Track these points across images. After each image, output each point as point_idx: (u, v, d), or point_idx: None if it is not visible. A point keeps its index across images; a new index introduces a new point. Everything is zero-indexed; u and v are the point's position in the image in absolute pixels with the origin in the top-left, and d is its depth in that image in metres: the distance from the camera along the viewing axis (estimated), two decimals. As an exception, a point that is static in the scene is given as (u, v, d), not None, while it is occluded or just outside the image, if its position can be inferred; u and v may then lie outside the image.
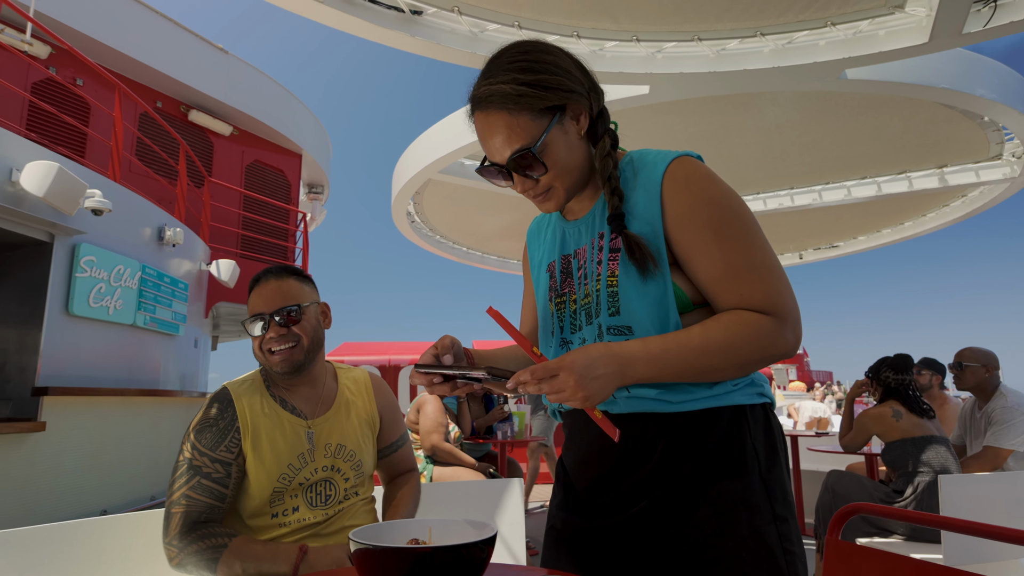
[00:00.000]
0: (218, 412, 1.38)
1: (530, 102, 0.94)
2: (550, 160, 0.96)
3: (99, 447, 4.87)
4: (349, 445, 1.46)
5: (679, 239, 0.95)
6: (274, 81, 10.19)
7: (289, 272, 1.46)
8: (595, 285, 1.00)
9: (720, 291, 0.93)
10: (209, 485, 1.32)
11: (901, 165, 7.99)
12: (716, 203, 0.94)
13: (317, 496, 1.39)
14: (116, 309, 5.25)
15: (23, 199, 4.23)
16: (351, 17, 3.92)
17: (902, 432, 2.98)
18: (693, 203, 0.94)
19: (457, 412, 4.39)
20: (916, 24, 4.76)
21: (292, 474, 1.37)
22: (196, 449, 1.33)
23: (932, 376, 4.06)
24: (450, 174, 7.40)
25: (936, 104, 6.12)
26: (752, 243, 0.93)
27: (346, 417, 1.49)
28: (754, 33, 4.82)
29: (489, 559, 0.84)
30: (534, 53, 0.98)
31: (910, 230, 10.32)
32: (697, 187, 0.95)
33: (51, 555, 1.33)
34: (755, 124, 6.62)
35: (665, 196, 0.96)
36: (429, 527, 0.93)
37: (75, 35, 7.13)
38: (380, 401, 1.59)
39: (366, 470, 1.50)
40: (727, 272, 0.92)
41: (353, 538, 0.82)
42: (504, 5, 4.45)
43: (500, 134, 0.95)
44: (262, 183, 10.02)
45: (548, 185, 0.99)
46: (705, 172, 0.96)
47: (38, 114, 6.76)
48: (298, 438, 1.40)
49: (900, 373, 3.18)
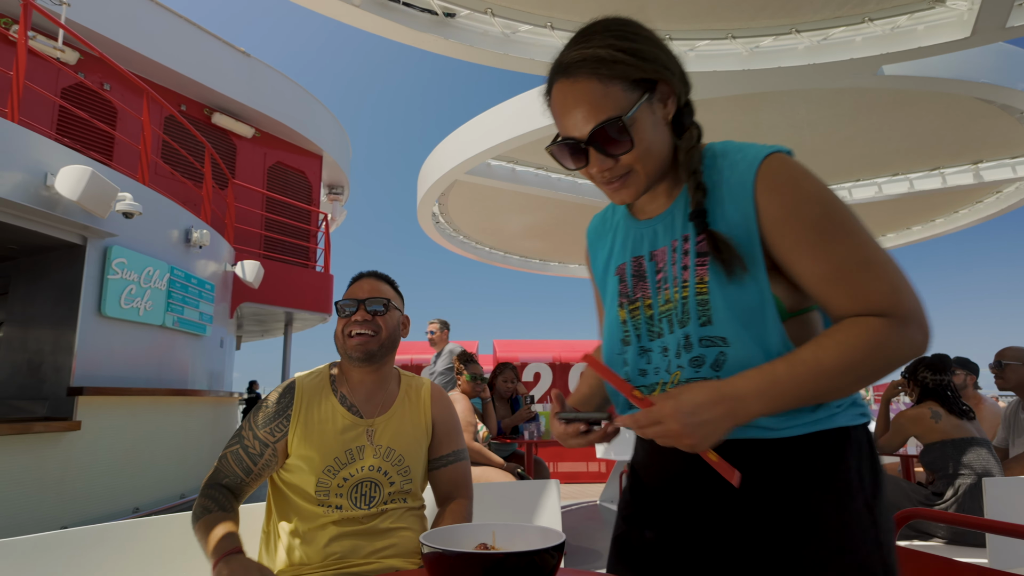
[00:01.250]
0: (278, 398, 1.48)
1: (625, 70, 0.87)
2: (638, 136, 0.88)
3: (131, 446, 4.93)
4: (399, 449, 1.49)
5: (779, 242, 0.87)
6: (295, 83, 10.25)
7: (386, 279, 1.60)
8: (680, 292, 0.92)
9: (832, 294, 0.85)
10: (242, 456, 1.43)
11: (935, 161, 7.82)
12: (816, 200, 0.86)
13: (362, 497, 1.43)
14: (146, 310, 5.30)
15: (57, 203, 4.28)
16: (386, 21, 3.90)
17: (942, 434, 2.91)
18: (792, 203, 0.86)
19: (483, 412, 4.37)
20: (957, 18, 4.64)
21: (337, 467, 1.42)
22: (249, 423, 1.47)
23: (966, 376, 3.97)
24: (476, 175, 7.38)
25: (974, 99, 5.98)
26: (860, 238, 0.85)
27: (401, 421, 1.52)
28: (789, 30, 4.72)
29: (559, 565, 0.84)
30: (632, 25, 0.93)
31: (941, 227, 10.13)
32: (795, 186, 0.87)
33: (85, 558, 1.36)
34: (786, 121, 6.52)
35: (759, 197, 0.87)
36: (492, 531, 0.93)
37: (103, 41, 7.22)
38: (436, 411, 1.60)
39: (414, 477, 1.50)
40: (837, 273, 0.84)
41: (424, 541, 0.82)
42: (537, 6, 4.40)
43: (585, 103, 0.88)
44: (284, 184, 10.09)
45: (629, 167, 0.90)
46: (800, 169, 0.88)
47: (68, 118, 6.86)
48: (348, 434, 1.45)
49: (938, 373, 3.10)
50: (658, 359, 0.96)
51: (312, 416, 1.46)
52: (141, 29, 7.78)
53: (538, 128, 6.22)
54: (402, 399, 1.56)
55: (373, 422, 1.49)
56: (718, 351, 0.88)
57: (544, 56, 4.59)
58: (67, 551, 1.33)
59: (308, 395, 1.49)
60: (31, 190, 4.09)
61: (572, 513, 5.61)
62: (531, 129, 6.25)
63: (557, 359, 8.47)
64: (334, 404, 1.49)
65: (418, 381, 1.64)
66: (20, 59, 4.23)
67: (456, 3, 4.27)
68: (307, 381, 1.52)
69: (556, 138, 0.94)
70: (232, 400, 7.01)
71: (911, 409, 3.10)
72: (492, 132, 6.57)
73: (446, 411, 1.62)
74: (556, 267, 13.16)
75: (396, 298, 1.59)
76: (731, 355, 0.88)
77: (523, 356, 8.28)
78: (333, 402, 1.49)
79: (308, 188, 10.61)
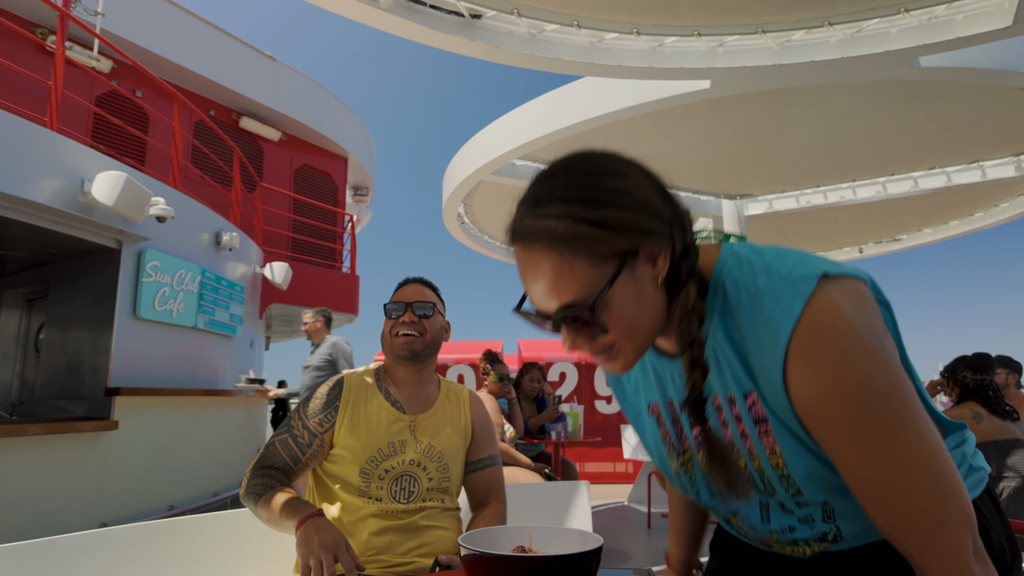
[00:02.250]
0: (328, 390, 1.56)
1: (590, 247, 0.69)
2: (612, 319, 0.71)
3: (165, 445, 5.04)
4: (439, 447, 1.55)
5: (810, 428, 0.71)
6: (320, 86, 10.37)
7: (431, 285, 1.70)
8: (749, 463, 0.78)
9: (868, 507, 0.70)
10: (291, 445, 1.49)
11: (974, 154, 7.58)
12: (855, 399, 0.66)
13: (401, 491, 1.48)
14: (179, 312, 5.41)
15: (94, 208, 4.38)
16: (413, 24, 3.92)
17: (983, 435, 2.83)
18: (824, 398, 0.68)
19: (510, 412, 4.36)
20: (998, 7, 4.48)
21: (380, 458, 1.48)
22: (299, 413, 1.53)
23: (1008, 375, 3.82)
24: (502, 175, 7.38)
25: (1016, 89, 5.77)
26: (906, 452, 0.66)
27: (442, 421, 1.59)
28: (822, 23, 4.61)
29: (597, 568, 0.84)
30: (599, 175, 0.72)
31: (980, 221, 9.82)
32: (829, 374, 0.67)
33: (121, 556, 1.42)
34: (818, 115, 6.37)
35: (792, 381, 0.69)
36: (529, 534, 0.94)
37: (135, 49, 7.40)
38: (475, 416, 1.67)
39: (452, 475, 1.56)
40: (870, 489, 0.68)
41: (463, 544, 0.83)
42: (563, 5, 4.38)
43: (544, 279, 0.71)
44: (310, 187, 10.22)
45: (611, 343, 0.74)
46: (840, 347, 0.67)
47: (102, 125, 7.02)
48: (393, 427, 1.52)
49: (979, 373, 3.01)
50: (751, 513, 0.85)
51: (358, 409, 1.53)
52: (171, 37, 7.95)
53: (564, 127, 6.19)
54: (443, 400, 1.64)
55: (416, 418, 1.56)
56: (819, 510, 0.78)
57: (571, 55, 4.57)
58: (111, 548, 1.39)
59: (355, 390, 1.56)
60: (69, 196, 4.20)
61: (600, 514, 5.58)
62: (557, 128, 6.22)
63: (583, 359, 8.42)
64: (380, 400, 1.56)
65: (457, 387, 1.73)
66: (58, 69, 4.34)
67: (482, 4, 4.26)
68: (355, 377, 1.60)
69: (522, 300, 0.78)
70: (262, 400, 7.11)
71: (951, 410, 3.03)
72: (517, 132, 6.57)
73: (483, 416, 1.69)
74: (581, 265, 12.94)
75: (440, 304, 1.68)
76: (838, 508, 0.78)
77: (548, 356, 8.26)
78: (379, 398, 1.57)
79: (334, 190, 10.72)
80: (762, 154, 7.54)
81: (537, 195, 0.74)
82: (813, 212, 9.13)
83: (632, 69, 4.69)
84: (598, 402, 8.02)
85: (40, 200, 3.96)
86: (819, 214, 9.38)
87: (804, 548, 0.82)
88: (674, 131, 6.58)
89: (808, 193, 8.72)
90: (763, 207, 9.02)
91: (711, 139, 6.97)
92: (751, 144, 7.23)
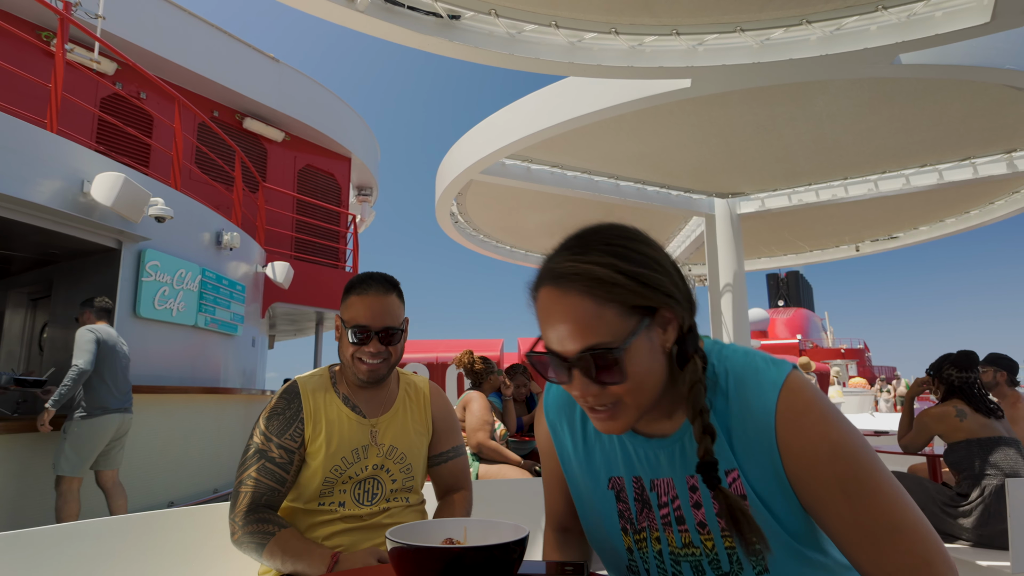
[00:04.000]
0: (286, 403, 1.47)
1: (623, 295, 0.77)
2: (632, 368, 0.78)
3: (166, 442, 5.14)
4: (401, 447, 1.50)
5: (800, 491, 0.80)
6: (323, 87, 10.48)
7: (392, 286, 1.51)
8: (708, 542, 0.85)
9: (859, 558, 0.77)
10: (273, 469, 1.41)
11: (965, 151, 7.58)
12: (840, 453, 0.77)
13: (365, 493, 1.45)
14: (179, 311, 5.53)
15: (94, 209, 4.49)
16: (391, 25, 3.99)
17: (967, 432, 2.81)
18: (813, 453, 0.78)
19: (503, 410, 4.40)
20: (977, 3, 4.51)
21: (344, 467, 1.44)
22: (264, 435, 1.43)
23: (996, 373, 3.76)
24: (491, 174, 7.45)
25: (1002, 86, 5.79)
26: (887, 498, 0.76)
27: (403, 420, 1.54)
28: (800, 21, 4.66)
29: (521, 560, 0.85)
30: (635, 242, 0.82)
31: (976, 219, 9.79)
32: (816, 431, 0.78)
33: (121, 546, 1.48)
34: (804, 114, 6.41)
35: (781, 441, 0.79)
36: (464, 527, 0.94)
37: (138, 51, 7.52)
38: (436, 410, 1.61)
39: (415, 474, 1.53)
40: (864, 538, 0.76)
41: (390, 536, 0.84)
42: (541, 5, 4.44)
43: (574, 321, 0.78)
44: (314, 187, 10.33)
45: (617, 397, 0.80)
46: (820, 409, 0.79)
47: (106, 128, 7.16)
48: (354, 434, 1.46)
49: (964, 371, 2.98)
50: None
51: (320, 417, 1.46)
52: (175, 39, 8.07)
53: (551, 126, 6.27)
54: (403, 398, 1.57)
55: (376, 422, 1.50)
56: None
57: (551, 55, 4.64)
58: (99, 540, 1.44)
59: (312, 397, 1.49)
60: (69, 197, 4.31)
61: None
62: (543, 127, 6.29)
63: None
64: (338, 405, 1.49)
65: (418, 380, 1.65)
66: (58, 71, 4.44)
67: (460, 5, 4.32)
68: (309, 384, 1.52)
69: (536, 342, 0.85)
70: (264, 397, 7.23)
71: (935, 407, 3.01)
72: (505, 132, 6.64)
73: (445, 409, 1.64)
74: (579, 264, 12.99)
75: (402, 309, 1.53)
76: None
77: (548, 354, 8.32)
78: (337, 403, 1.50)
79: (337, 190, 10.84)
80: (751, 152, 7.58)
81: (578, 245, 0.82)
82: (808, 210, 9.15)
83: (612, 69, 4.76)
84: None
85: (40, 201, 4.07)
86: (814, 212, 9.39)
87: None
88: (662, 130, 6.63)
89: (800, 191, 8.75)
90: (755, 205, 9.06)
91: (700, 137, 7.01)
92: (739, 142, 7.27)
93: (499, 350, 11.79)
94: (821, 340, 41.74)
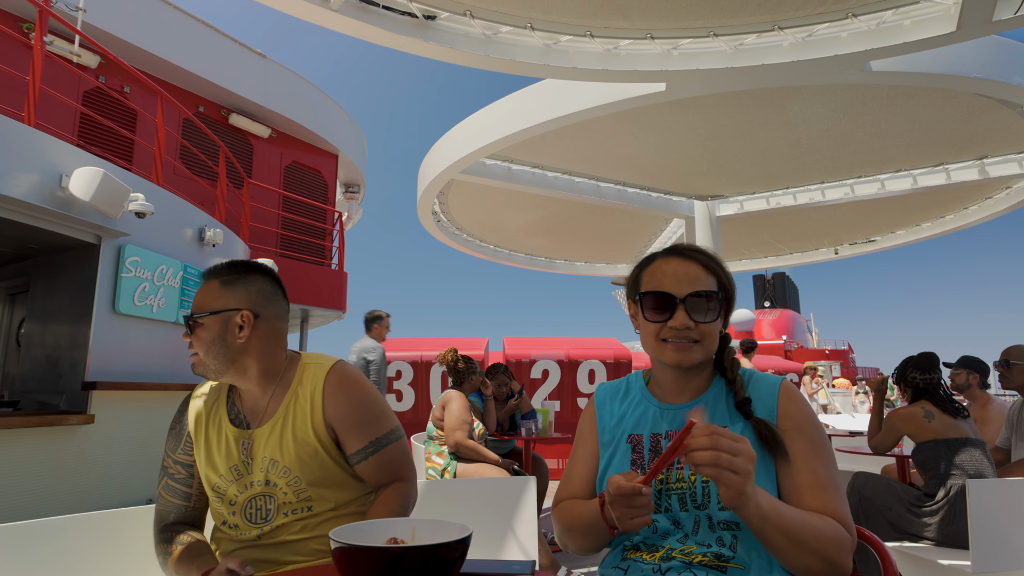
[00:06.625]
0: (176, 417, 1.43)
1: (717, 274, 1.19)
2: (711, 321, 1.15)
3: (145, 439, 5.11)
4: (283, 461, 1.32)
5: (790, 440, 1.11)
6: (310, 83, 10.45)
7: (221, 273, 1.38)
8: (693, 476, 1.11)
9: (808, 497, 1.05)
10: (174, 486, 1.38)
11: (938, 157, 7.73)
12: (814, 425, 1.13)
13: (257, 512, 1.31)
14: (159, 307, 5.51)
15: (72, 203, 4.48)
16: (366, 25, 4.02)
17: (934, 433, 2.86)
18: (801, 419, 1.13)
19: (483, 409, 4.43)
20: (944, 12, 4.62)
21: (225, 485, 1.33)
22: (166, 451, 1.40)
23: (969, 375, 3.74)
24: (472, 174, 7.49)
25: (972, 94, 5.92)
26: (834, 465, 1.10)
27: (283, 430, 1.35)
28: (772, 27, 4.75)
29: (463, 559, 0.85)
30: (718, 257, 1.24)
31: (952, 223, 9.96)
32: (804, 406, 1.15)
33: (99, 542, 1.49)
34: (780, 118, 6.51)
35: (780, 406, 1.14)
36: (413, 527, 0.94)
37: (122, 44, 7.46)
38: (330, 409, 1.37)
39: (310, 485, 1.33)
40: (819, 484, 1.06)
41: (332, 536, 0.83)
42: (516, 7, 4.49)
43: (693, 276, 1.16)
44: (300, 184, 10.30)
45: (702, 335, 1.14)
46: (803, 396, 1.18)
47: (89, 123, 7.11)
48: (233, 449, 1.34)
49: (927, 372, 3.05)
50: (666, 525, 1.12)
51: (201, 432, 1.38)
52: (160, 33, 8.00)
53: (529, 127, 6.32)
54: (288, 404, 1.37)
55: (252, 434, 1.35)
56: (732, 534, 1.07)
57: (526, 56, 4.69)
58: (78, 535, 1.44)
59: (199, 410, 1.40)
60: (47, 191, 4.29)
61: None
62: (521, 128, 6.34)
63: (568, 356, 8.54)
64: (222, 417, 1.38)
65: (315, 374, 1.41)
66: (36, 63, 4.41)
67: (435, 6, 4.35)
68: (200, 395, 1.43)
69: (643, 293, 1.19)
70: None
71: (903, 408, 3.06)
72: (484, 132, 6.67)
73: (345, 404, 1.38)
74: (562, 264, 13.25)
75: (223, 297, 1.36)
76: (741, 538, 1.06)
77: (534, 353, 8.38)
78: (222, 415, 1.38)
79: (324, 187, 10.81)
80: (729, 156, 7.69)
81: (691, 246, 1.25)
82: (786, 213, 9.27)
83: (588, 71, 4.82)
84: (580, 399, 8.13)
85: (17, 195, 4.05)
86: (792, 215, 9.52)
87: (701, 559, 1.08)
88: (640, 132, 6.71)
89: (778, 194, 8.88)
90: (734, 208, 9.16)
91: (677, 141, 7.10)
92: (717, 146, 7.37)
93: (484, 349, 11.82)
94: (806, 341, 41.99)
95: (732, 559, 1.04)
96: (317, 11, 3.93)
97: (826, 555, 0.99)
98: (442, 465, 3.96)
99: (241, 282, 1.37)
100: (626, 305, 1.33)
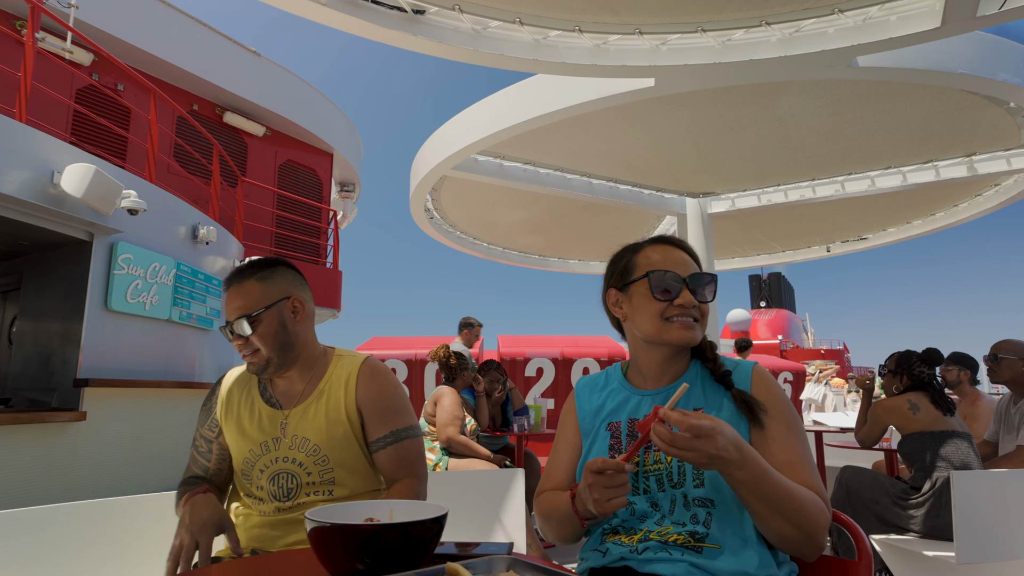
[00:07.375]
0: (209, 395, 1.56)
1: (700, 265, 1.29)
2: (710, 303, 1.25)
3: (137, 437, 5.10)
4: (313, 439, 1.44)
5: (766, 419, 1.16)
6: (305, 82, 10.45)
7: (251, 271, 1.48)
8: (669, 457, 1.14)
9: (788, 473, 1.08)
10: (197, 457, 1.54)
11: (927, 154, 7.77)
12: (788, 405, 1.19)
13: (279, 489, 1.42)
14: (152, 305, 5.51)
15: (64, 200, 4.48)
16: (354, 18, 4.04)
17: (921, 425, 2.88)
18: (775, 399, 1.18)
19: (476, 406, 4.46)
20: (929, 8, 4.67)
21: (254, 459, 1.44)
22: (197, 424, 1.56)
23: (960, 371, 3.81)
24: (464, 170, 7.51)
25: (959, 91, 5.96)
26: (806, 444, 1.16)
27: (316, 411, 1.47)
28: (759, 23, 4.79)
29: (438, 539, 0.86)
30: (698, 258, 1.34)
31: (942, 220, 10.02)
32: (776, 388, 1.21)
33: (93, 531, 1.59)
34: (768, 115, 6.55)
35: (754, 388, 1.20)
36: (391, 508, 0.95)
37: (116, 42, 7.46)
38: (362, 394, 1.49)
39: (336, 466, 1.44)
40: (793, 460, 1.11)
41: (308, 516, 0.84)
42: (505, 1, 4.52)
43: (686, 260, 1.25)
44: (295, 182, 10.31)
45: (703, 313, 1.23)
46: (775, 379, 1.23)
47: (82, 120, 7.12)
48: (265, 426, 1.46)
49: (933, 368, 3.07)
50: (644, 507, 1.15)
51: (233, 410, 1.50)
52: (154, 30, 7.99)
53: (519, 123, 6.35)
54: (322, 388, 1.50)
55: (288, 413, 1.47)
56: (707, 511, 1.10)
57: (516, 51, 4.72)
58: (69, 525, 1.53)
59: (232, 390, 1.53)
60: (39, 188, 4.29)
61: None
62: (512, 124, 6.37)
63: (562, 354, 8.56)
64: (255, 397, 1.51)
65: (350, 364, 1.55)
66: (27, 59, 4.41)
67: (425, 0, 4.38)
68: (233, 377, 1.56)
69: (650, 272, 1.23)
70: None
71: (888, 400, 3.08)
72: (475, 127, 6.68)
73: (376, 392, 1.51)
74: (556, 263, 13.26)
75: (268, 292, 1.47)
76: (715, 515, 1.09)
77: (528, 352, 8.40)
78: (255, 395, 1.51)
79: (319, 185, 10.82)
80: (719, 152, 7.72)
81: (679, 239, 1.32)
82: (778, 211, 9.31)
83: (577, 67, 4.86)
84: (575, 398, 8.12)
85: (9, 192, 4.04)
86: (784, 213, 9.56)
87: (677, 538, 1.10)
88: (630, 128, 6.74)
89: (769, 191, 8.91)
90: (726, 205, 9.20)
91: (668, 137, 7.13)
92: (707, 142, 7.40)
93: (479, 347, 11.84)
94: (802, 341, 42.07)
95: (707, 537, 1.07)
96: (307, 5, 3.95)
97: (805, 524, 1.02)
98: (434, 460, 3.99)
99: (276, 275, 1.50)
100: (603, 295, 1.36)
